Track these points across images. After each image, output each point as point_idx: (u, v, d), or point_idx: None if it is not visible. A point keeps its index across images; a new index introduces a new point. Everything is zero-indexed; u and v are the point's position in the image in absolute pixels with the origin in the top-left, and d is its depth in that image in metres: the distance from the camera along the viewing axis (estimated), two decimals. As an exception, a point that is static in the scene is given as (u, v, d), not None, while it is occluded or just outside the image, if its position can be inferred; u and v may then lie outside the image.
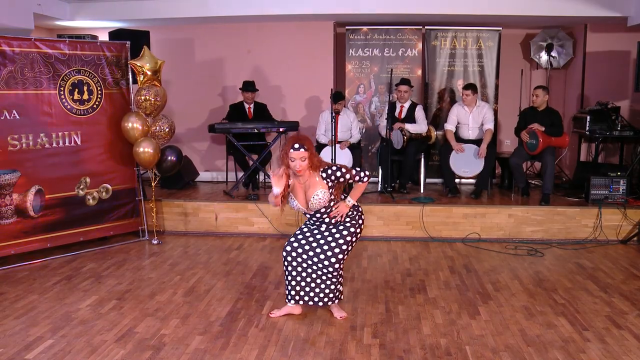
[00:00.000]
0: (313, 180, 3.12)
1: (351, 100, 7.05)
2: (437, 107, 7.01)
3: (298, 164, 3.03)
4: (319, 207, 3.13)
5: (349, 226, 3.31)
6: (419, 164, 6.43)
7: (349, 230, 3.31)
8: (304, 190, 3.13)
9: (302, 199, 3.12)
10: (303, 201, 3.12)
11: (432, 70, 6.94)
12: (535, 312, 3.64)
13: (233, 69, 7.29)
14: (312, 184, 3.12)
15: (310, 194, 3.11)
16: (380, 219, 5.58)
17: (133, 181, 5.51)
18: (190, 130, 7.48)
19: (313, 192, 3.09)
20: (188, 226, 5.83)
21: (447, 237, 5.50)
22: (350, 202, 3.20)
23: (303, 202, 3.12)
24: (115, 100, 5.33)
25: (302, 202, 3.12)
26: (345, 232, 3.30)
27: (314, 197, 3.08)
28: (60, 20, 6.57)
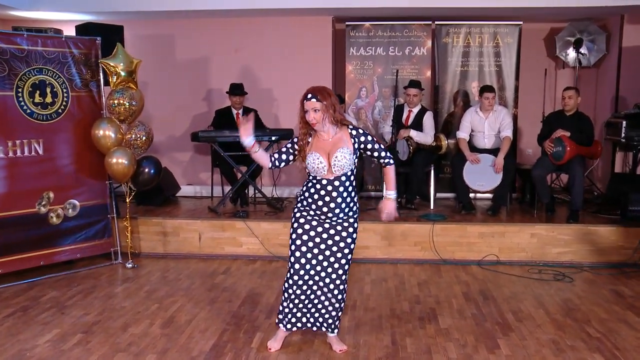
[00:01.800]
0: (339, 136, 3.18)
1: (352, 105, 7.07)
2: (448, 113, 7.01)
3: (311, 115, 3.11)
4: (342, 169, 3.13)
5: (351, 226, 3.28)
6: (428, 177, 6.43)
7: (353, 230, 3.29)
8: (327, 150, 3.15)
9: (326, 159, 3.14)
10: (326, 161, 3.13)
11: (443, 71, 6.95)
12: (565, 347, 3.60)
13: (219, 70, 7.30)
14: (339, 140, 3.17)
15: (334, 150, 3.13)
16: (385, 239, 5.57)
17: (104, 196, 5.48)
18: (170, 139, 7.47)
19: (338, 148, 3.13)
20: (167, 247, 5.80)
21: (460, 260, 5.48)
22: (392, 195, 3.23)
23: (326, 162, 3.13)
24: (84, 104, 5.31)
25: (326, 162, 3.13)
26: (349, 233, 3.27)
27: (339, 152, 3.11)
28: (16, 9, 6.47)
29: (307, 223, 3.26)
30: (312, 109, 3.11)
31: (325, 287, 3.33)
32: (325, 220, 3.24)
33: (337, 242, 3.27)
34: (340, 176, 3.16)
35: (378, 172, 6.87)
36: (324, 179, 3.16)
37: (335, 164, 3.12)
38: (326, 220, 3.24)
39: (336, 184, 3.16)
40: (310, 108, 3.11)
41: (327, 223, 3.24)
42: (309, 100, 3.12)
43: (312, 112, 3.11)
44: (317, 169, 3.15)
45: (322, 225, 3.25)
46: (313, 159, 3.14)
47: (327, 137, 3.18)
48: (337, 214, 3.20)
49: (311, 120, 3.12)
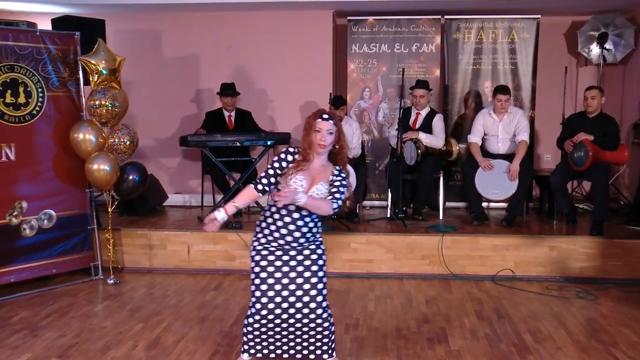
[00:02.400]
0: (325, 167, 3.26)
1: (354, 107, 7.07)
2: (459, 115, 7.01)
3: (325, 136, 3.17)
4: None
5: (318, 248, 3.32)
6: (437, 184, 6.41)
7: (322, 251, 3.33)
8: (312, 176, 3.21)
9: (308, 184, 3.19)
10: (307, 186, 3.18)
11: (453, 70, 6.95)
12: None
13: (210, 69, 7.29)
14: (323, 171, 3.25)
15: (317, 180, 3.21)
16: (390, 252, 5.56)
17: (84, 206, 5.46)
18: (157, 144, 7.46)
19: (320, 180, 3.21)
20: (153, 261, 5.79)
21: (473, 275, 5.47)
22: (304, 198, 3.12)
23: (306, 188, 3.17)
24: (62, 105, 5.29)
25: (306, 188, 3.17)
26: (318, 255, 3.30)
27: (321, 185, 3.19)
28: (-18, -1, 6.52)
29: (271, 264, 3.25)
30: (327, 130, 3.18)
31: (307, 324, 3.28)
32: (290, 250, 3.26)
33: (307, 266, 3.27)
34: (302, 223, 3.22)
35: (383, 180, 6.86)
36: (291, 205, 3.17)
37: (313, 194, 3.16)
38: (290, 249, 3.26)
39: (304, 212, 3.20)
40: (326, 129, 3.18)
41: (294, 250, 3.26)
42: (326, 120, 3.18)
43: (327, 133, 3.17)
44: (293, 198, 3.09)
45: (287, 254, 3.26)
46: (295, 181, 3.16)
47: (317, 163, 3.24)
48: (302, 243, 3.25)
49: (322, 142, 3.17)
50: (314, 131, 3.18)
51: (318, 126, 3.17)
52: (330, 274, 5.45)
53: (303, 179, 3.17)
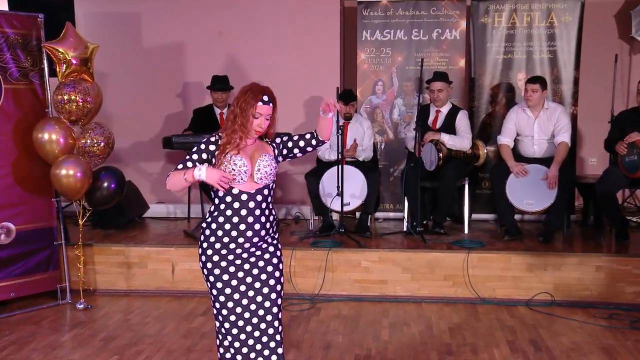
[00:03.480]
0: (260, 143, 3.37)
1: (365, 103, 7.05)
2: (487, 113, 6.97)
3: (263, 123, 3.25)
4: (266, 178, 3.27)
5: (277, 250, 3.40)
6: (461, 193, 6.40)
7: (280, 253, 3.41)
8: (249, 154, 3.30)
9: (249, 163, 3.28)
10: (249, 165, 3.27)
11: (480, 60, 6.91)
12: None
13: (198, 59, 7.29)
14: (260, 146, 3.35)
15: (257, 155, 3.29)
16: (407, 271, 5.55)
17: (50, 218, 5.46)
18: (136, 145, 7.45)
19: (261, 153, 3.30)
20: (131, 282, 5.79)
21: (504, 299, 5.45)
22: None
23: (249, 167, 3.26)
24: (23, 99, 5.28)
25: (249, 167, 3.27)
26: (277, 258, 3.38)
27: (264, 157, 3.28)
28: None
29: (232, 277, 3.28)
30: (266, 115, 3.25)
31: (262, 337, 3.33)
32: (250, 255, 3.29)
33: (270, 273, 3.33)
34: (262, 188, 3.28)
35: (398, 188, 6.83)
36: (243, 194, 3.24)
37: (260, 170, 3.25)
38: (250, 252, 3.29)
39: (259, 198, 3.27)
40: (265, 114, 3.25)
41: (253, 256, 3.30)
42: (266, 104, 3.24)
43: (265, 120, 3.25)
44: (235, 173, 3.21)
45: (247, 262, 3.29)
46: (236, 162, 3.20)
47: (249, 142, 3.32)
48: (263, 236, 3.30)
49: (259, 128, 3.26)
50: (251, 116, 3.22)
51: (258, 111, 3.21)
52: (338, 297, 5.57)
53: (242, 158, 3.22)
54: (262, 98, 3.21)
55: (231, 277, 3.25)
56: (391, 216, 7.03)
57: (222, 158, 3.21)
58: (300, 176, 6.91)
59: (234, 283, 3.24)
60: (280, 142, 3.36)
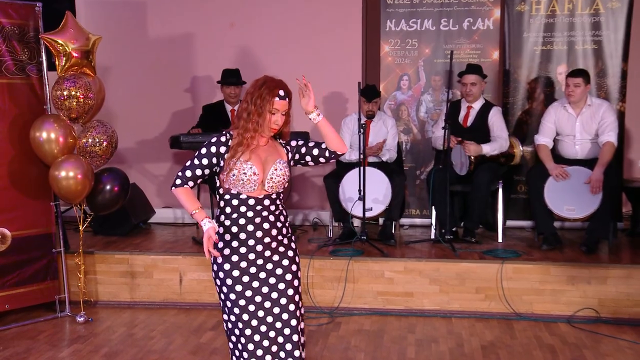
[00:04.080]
0: (273, 144, 3.39)
1: (389, 100, 7.04)
2: (523, 110, 6.92)
3: (280, 118, 3.26)
4: (276, 187, 3.29)
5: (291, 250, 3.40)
6: (495, 198, 6.37)
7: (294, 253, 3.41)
8: (261, 159, 3.30)
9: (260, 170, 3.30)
10: (260, 173, 3.28)
11: (516, 52, 6.87)
12: None
13: (208, 52, 7.33)
14: (273, 148, 3.37)
15: (270, 161, 3.30)
16: (435, 283, 5.54)
17: (49, 223, 5.46)
18: (141, 145, 7.47)
19: (275, 159, 3.30)
20: (136, 293, 5.80)
21: (542, 314, 5.42)
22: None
23: (261, 176, 3.27)
24: (20, 95, 5.29)
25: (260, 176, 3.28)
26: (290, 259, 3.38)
27: (278, 164, 3.29)
28: None
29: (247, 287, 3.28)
30: (282, 110, 3.27)
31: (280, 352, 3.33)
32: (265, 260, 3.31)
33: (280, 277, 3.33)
34: (270, 194, 3.32)
35: (425, 192, 6.81)
36: (250, 199, 3.27)
37: (272, 179, 3.27)
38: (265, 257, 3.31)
39: (266, 202, 3.30)
40: (282, 110, 3.26)
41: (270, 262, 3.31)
42: (283, 98, 3.25)
43: (281, 115, 3.27)
44: (243, 184, 3.23)
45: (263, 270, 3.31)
46: (246, 171, 3.21)
47: (262, 143, 3.33)
48: (275, 235, 3.33)
49: (275, 125, 3.28)
50: (268, 112, 3.23)
51: (275, 107, 3.23)
52: (359, 310, 5.51)
53: (252, 165, 3.22)
54: (279, 93, 3.22)
55: (245, 287, 3.26)
56: (417, 223, 7.02)
57: (231, 164, 3.21)
58: (319, 179, 6.88)
59: (248, 294, 3.25)
60: (295, 146, 3.38)
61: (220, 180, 3.26)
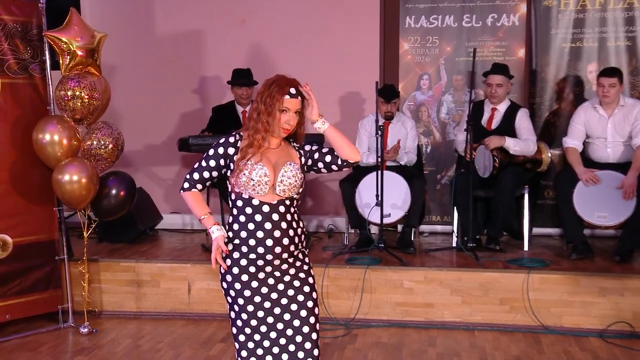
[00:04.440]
0: (285, 147, 3.37)
1: (408, 100, 7.04)
2: (550, 111, 6.88)
3: (291, 118, 3.24)
4: (289, 190, 3.27)
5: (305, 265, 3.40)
6: (520, 204, 6.35)
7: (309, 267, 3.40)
8: (271, 161, 3.29)
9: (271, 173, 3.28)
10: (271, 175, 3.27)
11: (543, 49, 6.83)
12: None
13: (218, 50, 7.34)
14: (284, 151, 3.35)
15: (280, 163, 3.28)
16: (457, 294, 5.53)
17: (52, 230, 5.47)
18: (149, 148, 7.51)
19: (285, 162, 3.29)
20: (142, 303, 5.82)
21: (572, 328, 5.37)
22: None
23: (272, 178, 3.26)
24: (22, 95, 5.31)
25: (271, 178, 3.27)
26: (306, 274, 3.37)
27: (288, 166, 3.27)
28: None
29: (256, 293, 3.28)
30: (295, 109, 3.25)
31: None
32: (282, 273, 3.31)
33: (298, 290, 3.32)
34: (284, 199, 3.29)
35: (446, 197, 6.81)
36: (264, 205, 3.25)
37: (283, 181, 3.24)
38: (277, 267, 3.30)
39: (281, 209, 3.27)
40: (294, 109, 3.25)
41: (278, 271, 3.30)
42: (294, 97, 3.24)
43: (294, 114, 3.25)
44: (254, 186, 3.22)
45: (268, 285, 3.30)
46: (256, 172, 3.20)
47: (273, 145, 3.32)
48: (293, 251, 3.31)
49: (287, 125, 3.25)
50: (278, 111, 3.21)
51: (285, 105, 3.21)
52: (377, 322, 5.50)
53: (263, 167, 3.21)
54: (290, 90, 3.21)
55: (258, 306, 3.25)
56: (438, 230, 7.01)
57: (241, 165, 3.21)
58: (334, 183, 6.85)
59: (260, 314, 3.25)
60: (308, 151, 3.36)
61: (230, 184, 3.23)
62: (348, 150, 3.29)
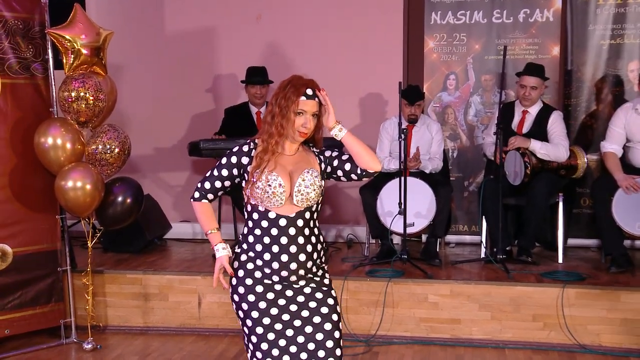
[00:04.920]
0: (303, 153, 3.35)
1: (434, 102, 7.05)
2: (587, 113, 6.85)
3: (308, 121, 3.20)
4: (307, 200, 3.25)
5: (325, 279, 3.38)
6: (554, 213, 6.31)
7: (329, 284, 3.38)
8: (287, 169, 3.27)
9: (287, 183, 3.26)
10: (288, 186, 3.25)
11: (580, 47, 6.81)
12: None
13: (231, 48, 7.37)
14: (303, 158, 3.33)
15: (297, 171, 3.26)
16: (486, 309, 5.51)
17: (54, 239, 5.49)
18: (157, 152, 7.54)
19: (303, 169, 3.26)
20: (149, 318, 5.84)
21: (612, 347, 5.31)
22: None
23: (288, 188, 3.24)
24: (23, 96, 5.33)
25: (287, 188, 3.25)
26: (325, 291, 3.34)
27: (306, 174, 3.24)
28: None
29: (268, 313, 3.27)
30: (312, 112, 3.22)
31: None
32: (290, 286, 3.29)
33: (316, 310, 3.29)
34: (303, 211, 3.26)
35: (474, 205, 6.79)
36: (281, 218, 3.24)
37: (300, 191, 3.22)
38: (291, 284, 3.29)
39: (300, 223, 3.25)
40: (311, 111, 3.21)
41: (291, 289, 3.29)
42: (310, 98, 3.21)
43: (310, 117, 3.21)
44: (269, 198, 3.20)
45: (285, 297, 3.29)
46: (270, 183, 3.19)
47: (290, 151, 3.31)
48: (310, 268, 3.29)
49: (304, 128, 3.22)
50: (293, 113, 3.18)
51: (301, 107, 3.18)
52: (399, 339, 5.48)
53: (277, 177, 3.19)
54: (306, 92, 3.19)
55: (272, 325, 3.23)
56: (466, 240, 7.02)
57: (256, 175, 3.20)
58: (354, 190, 6.83)
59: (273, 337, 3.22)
60: (328, 157, 3.34)
61: (246, 195, 3.22)
62: (367, 158, 3.24)
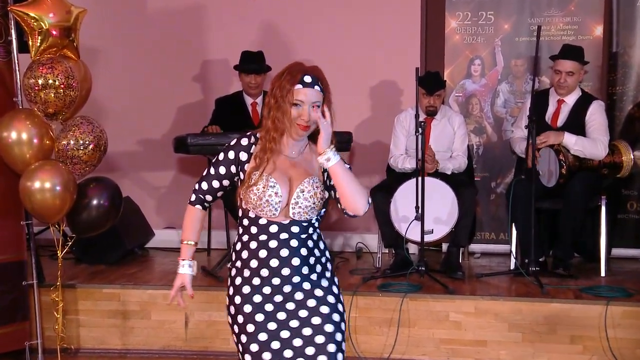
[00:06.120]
0: (308, 156, 3.33)
1: (456, 91, 7.12)
2: (635, 103, 6.86)
3: (306, 113, 3.17)
4: (305, 213, 3.26)
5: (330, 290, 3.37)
6: (595, 219, 6.34)
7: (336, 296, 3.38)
8: (288, 175, 3.27)
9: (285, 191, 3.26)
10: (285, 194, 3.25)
11: (627, 27, 6.85)
12: None
13: (222, 30, 7.37)
14: (307, 162, 3.32)
15: (299, 178, 3.26)
16: (517, 329, 5.52)
17: (20, 249, 5.54)
18: (138, 149, 7.57)
19: (306, 176, 3.25)
20: (129, 339, 5.86)
21: None
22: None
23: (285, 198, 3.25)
24: None
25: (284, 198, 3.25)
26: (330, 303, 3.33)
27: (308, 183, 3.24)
28: None
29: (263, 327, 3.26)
30: (312, 102, 3.19)
31: None
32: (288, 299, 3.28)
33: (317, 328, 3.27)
34: (300, 220, 3.30)
35: (503, 210, 6.79)
36: (272, 224, 3.27)
37: (299, 203, 3.23)
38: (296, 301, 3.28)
39: (294, 230, 3.28)
40: (309, 101, 3.18)
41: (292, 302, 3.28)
42: (308, 86, 3.19)
43: (311, 107, 3.18)
44: (262, 206, 3.22)
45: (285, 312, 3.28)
46: (268, 189, 3.21)
47: (291, 152, 3.30)
48: (307, 275, 3.29)
49: (302, 121, 3.19)
50: (289, 104, 3.17)
51: (298, 96, 3.16)
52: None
53: (275, 184, 3.20)
54: (302, 78, 3.17)
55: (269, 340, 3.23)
56: (492, 250, 7.02)
57: (252, 178, 3.20)
58: (365, 192, 6.86)
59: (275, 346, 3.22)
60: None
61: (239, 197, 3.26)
62: (352, 200, 3.17)
